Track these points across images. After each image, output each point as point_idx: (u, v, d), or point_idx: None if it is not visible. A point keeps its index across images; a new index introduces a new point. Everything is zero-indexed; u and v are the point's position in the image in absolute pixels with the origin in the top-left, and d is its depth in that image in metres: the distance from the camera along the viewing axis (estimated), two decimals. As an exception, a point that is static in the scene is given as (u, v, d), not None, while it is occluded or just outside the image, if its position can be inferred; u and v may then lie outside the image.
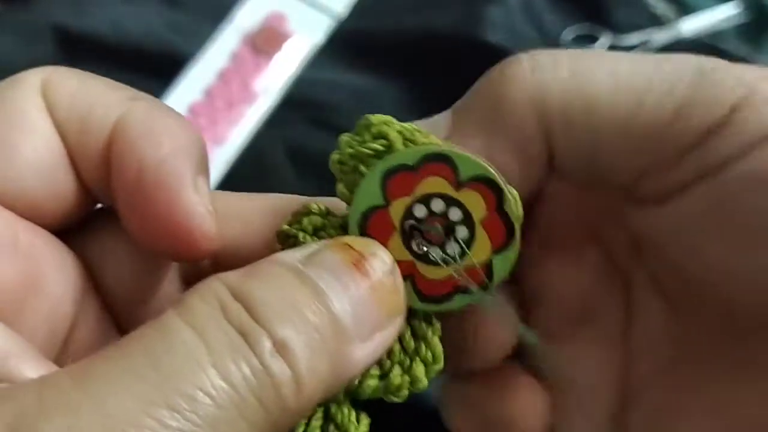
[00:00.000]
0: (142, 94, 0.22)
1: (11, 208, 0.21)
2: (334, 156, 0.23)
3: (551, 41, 0.68)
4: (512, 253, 0.22)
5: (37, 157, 0.21)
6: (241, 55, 0.67)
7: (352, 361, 0.19)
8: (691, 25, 0.68)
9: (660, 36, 0.68)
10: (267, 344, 0.17)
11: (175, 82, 0.65)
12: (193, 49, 0.67)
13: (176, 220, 0.21)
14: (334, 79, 0.67)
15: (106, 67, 0.66)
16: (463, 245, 0.22)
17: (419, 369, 0.21)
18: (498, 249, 0.22)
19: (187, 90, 0.65)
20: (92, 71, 0.23)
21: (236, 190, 0.25)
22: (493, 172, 0.21)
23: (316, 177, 0.62)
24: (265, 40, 0.68)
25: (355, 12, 0.69)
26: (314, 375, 0.18)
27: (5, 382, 0.18)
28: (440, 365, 0.22)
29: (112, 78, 0.23)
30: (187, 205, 0.21)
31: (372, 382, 0.21)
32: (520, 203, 0.22)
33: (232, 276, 0.19)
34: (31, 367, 0.18)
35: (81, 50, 0.66)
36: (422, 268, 0.22)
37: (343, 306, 0.19)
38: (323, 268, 0.19)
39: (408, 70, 0.67)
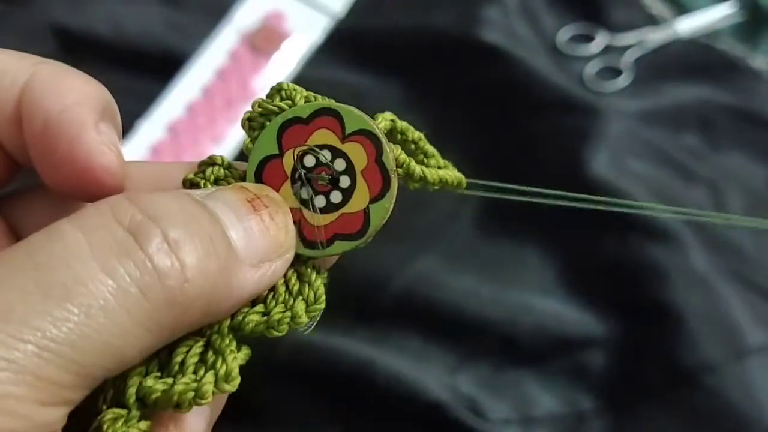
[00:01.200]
0: (49, 60, 0.24)
1: None
2: (245, 115, 0.25)
3: (548, 41, 0.69)
4: (387, 203, 0.23)
5: None
6: (239, 54, 0.68)
7: (239, 281, 0.20)
8: (687, 24, 0.68)
9: (656, 36, 0.68)
10: (157, 239, 0.18)
11: (174, 80, 0.66)
12: (192, 48, 0.67)
13: (77, 158, 0.21)
14: (333, 78, 0.67)
15: (105, 66, 0.67)
16: (344, 193, 0.23)
17: (300, 306, 0.22)
18: (375, 198, 0.23)
19: (186, 89, 0.66)
20: (92, 70, 0.24)
21: None
22: (374, 125, 0.24)
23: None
24: (264, 40, 0.68)
25: (353, 11, 0.70)
26: (202, 273, 0.19)
27: None
28: (321, 306, 0.23)
29: (111, 77, 0.23)
30: (87, 144, 0.22)
31: (255, 317, 0.22)
32: (394, 156, 0.24)
33: (130, 192, 0.20)
34: None
35: (80, 49, 0.66)
36: (307, 215, 0.24)
37: (237, 231, 0.20)
38: (220, 201, 0.21)
39: (405, 69, 0.67)
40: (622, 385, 0.53)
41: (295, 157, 0.24)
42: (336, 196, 0.23)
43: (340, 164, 0.23)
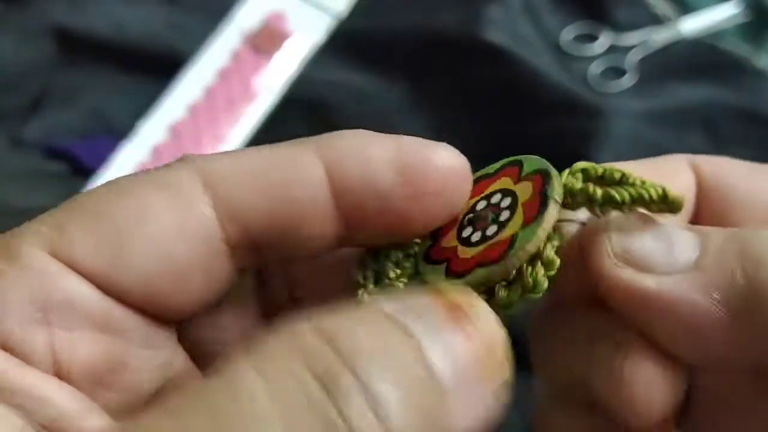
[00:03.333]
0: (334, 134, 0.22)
1: (126, 294, 0.19)
2: None
3: (551, 40, 0.68)
4: (538, 226, 0.21)
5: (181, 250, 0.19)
6: (241, 54, 0.67)
7: (449, 423, 0.16)
8: (691, 24, 0.68)
9: (660, 35, 0.68)
10: (358, 399, 0.15)
11: (176, 81, 0.66)
12: (194, 48, 0.67)
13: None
14: (334, 78, 0.67)
15: (105, 66, 0.67)
16: (499, 225, 0.22)
17: None
18: (526, 224, 0.21)
19: (187, 89, 0.65)
20: (92, 71, 0.23)
21: None
22: (548, 165, 0.23)
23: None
24: (266, 40, 0.68)
25: (356, 11, 0.70)
26: (409, 428, 0.15)
27: None
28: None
29: (112, 77, 0.22)
30: None
31: None
32: (561, 183, 0.22)
33: (317, 317, 0.16)
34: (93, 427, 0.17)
35: (81, 50, 0.66)
36: (460, 250, 0.22)
37: (438, 357, 0.16)
38: (417, 315, 0.17)
39: (408, 69, 0.67)
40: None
41: (471, 205, 0.23)
42: (491, 230, 0.21)
43: (505, 201, 0.22)
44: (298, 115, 0.65)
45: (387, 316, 0.16)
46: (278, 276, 0.22)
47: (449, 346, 0.16)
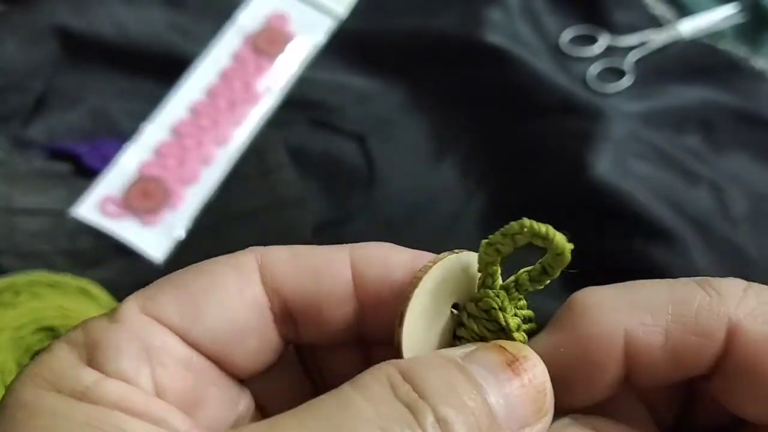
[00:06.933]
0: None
1: (200, 343, 0.23)
2: None
3: (550, 42, 0.69)
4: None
5: (242, 317, 0.24)
6: (243, 56, 0.68)
7: None
8: (690, 25, 0.68)
9: (658, 37, 0.68)
10: (430, 418, 0.20)
11: (178, 82, 0.66)
12: (196, 49, 0.67)
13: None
14: (335, 79, 0.67)
15: (108, 68, 0.67)
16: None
17: None
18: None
19: (189, 90, 0.66)
20: (95, 72, 0.24)
21: (237, 190, 0.26)
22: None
23: (317, 177, 0.63)
24: (267, 41, 0.68)
25: (356, 13, 0.70)
26: None
27: None
28: None
29: (115, 79, 0.24)
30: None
31: None
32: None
33: (399, 361, 0.22)
34: None
35: (84, 51, 0.67)
36: None
37: (497, 399, 0.21)
38: (480, 365, 0.22)
39: (408, 70, 0.67)
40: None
41: None
42: None
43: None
44: (299, 116, 0.65)
45: (458, 367, 0.21)
46: (315, 358, 0.27)
47: (507, 392, 0.21)
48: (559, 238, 0.23)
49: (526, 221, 0.23)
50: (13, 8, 0.67)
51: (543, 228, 0.23)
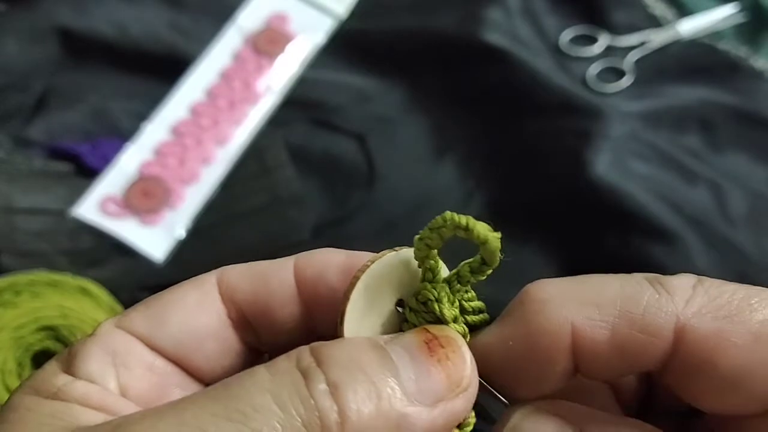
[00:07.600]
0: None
1: (163, 349, 0.26)
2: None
3: (550, 42, 0.69)
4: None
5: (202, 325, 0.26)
6: (243, 56, 0.68)
7: (408, 422, 0.22)
8: (689, 26, 0.68)
9: (658, 37, 0.68)
10: (322, 384, 0.21)
11: (178, 82, 0.66)
12: (196, 49, 0.68)
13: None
14: (335, 79, 0.67)
15: (108, 68, 0.67)
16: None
17: None
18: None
19: (189, 90, 0.66)
20: (95, 72, 0.24)
21: (237, 189, 0.27)
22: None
23: (317, 176, 0.63)
24: (267, 41, 0.68)
25: (356, 13, 0.70)
26: (360, 417, 0.21)
27: None
28: None
29: (115, 78, 0.24)
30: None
31: None
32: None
33: (317, 343, 0.23)
34: None
35: (84, 51, 0.67)
36: None
37: (408, 374, 0.22)
38: (399, 345, 0.23)
39: (408, 70, 0.67)
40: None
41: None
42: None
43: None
44: (299, 115, 0.65)
45: (374, 345, 0.23)
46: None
47: (420, 368, 0.22)
48: (480, 228, 0.23)
49: (448, 214, 0.23)
50: (13, 8, 0.67)
51: (464, 220, 0.23)
